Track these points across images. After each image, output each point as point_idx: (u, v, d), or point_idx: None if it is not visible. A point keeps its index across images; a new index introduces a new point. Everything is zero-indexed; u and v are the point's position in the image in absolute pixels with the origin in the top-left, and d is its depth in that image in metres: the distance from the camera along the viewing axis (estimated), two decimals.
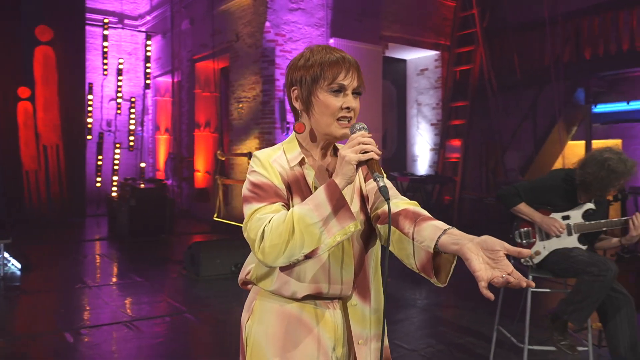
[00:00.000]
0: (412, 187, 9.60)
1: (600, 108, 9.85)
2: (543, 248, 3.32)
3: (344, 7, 9.53)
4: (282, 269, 1.40)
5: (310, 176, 1.44)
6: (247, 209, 1.37)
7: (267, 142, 8.89)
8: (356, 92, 1.44)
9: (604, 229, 3.28)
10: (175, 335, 4.30)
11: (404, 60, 11.79)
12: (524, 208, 3.33)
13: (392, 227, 1.36)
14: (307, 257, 1.29)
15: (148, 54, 12.55)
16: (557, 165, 10.89)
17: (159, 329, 4.43)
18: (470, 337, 4.24)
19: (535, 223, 3.32)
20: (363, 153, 1.30)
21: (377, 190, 1.46)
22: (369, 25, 9.88)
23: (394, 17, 10.34)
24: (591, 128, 9.68)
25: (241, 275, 1.57)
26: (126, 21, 12.95)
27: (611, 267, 3.05)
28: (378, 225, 1.44)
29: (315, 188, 1.42)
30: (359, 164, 1.30)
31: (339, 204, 1.27)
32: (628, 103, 9.68)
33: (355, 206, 1.46)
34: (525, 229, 3.36)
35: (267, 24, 8.82)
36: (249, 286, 1.57)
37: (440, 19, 11.12)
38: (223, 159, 9.83)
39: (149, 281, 6.00)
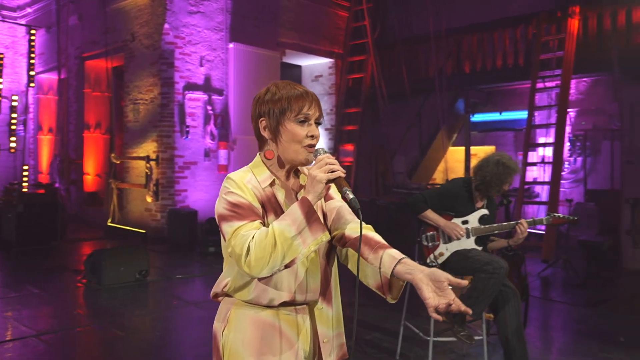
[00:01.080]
0: None
1: (477, 117, 10.84)
2: (446, 249, 3.73)
3: (243, 12, 9.64)
4: (261, 279, 1.57)
5: (281, 195, 1.62)
6: (228, 227, 1.50)
7: (166, 145, 8.77)
8: (317, 122, 1.64)
9: (496, 231, 3.76)
10: (88, 346, 4.21)
11: (299, 67, 12.11)
12: (430, 214, 3.71)
13: (351, 251, 1.59)
14: (287, 266, 1.47)
15: (32, 49, 11.76)
16: (440, 168, 11.81)
17: (65, 342, 4.31)
18: (377, 333, 4.59)
19: (439, 227, 3.71)
20: (330, 172, 1.49)
21: (337, 210, 1.68)
22: (267, 31, 10.06)
23: (290, 24, 10.62)
24: (470, 135, 10.61)
25: (216, 289, 1.70)
26: (3, 12, 12.03)
27: (503, 265, 3.52)
28: (339, 247, 1.65)
29: (287, 205, 1.60)
30: (328, 181, 1.50)
31: (311, 218, 1.46)
32: (501, 113, 10.74)
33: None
34: (431, 232, 3.75)
35: (166, 25, 8.70)
36: (220, 298, 1.71)
37: (334, 28, 11.58)
38: (118, 162, 9.52)
39: (46, 292, 5.74)
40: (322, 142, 11.83)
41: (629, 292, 6.76)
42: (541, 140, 9.53)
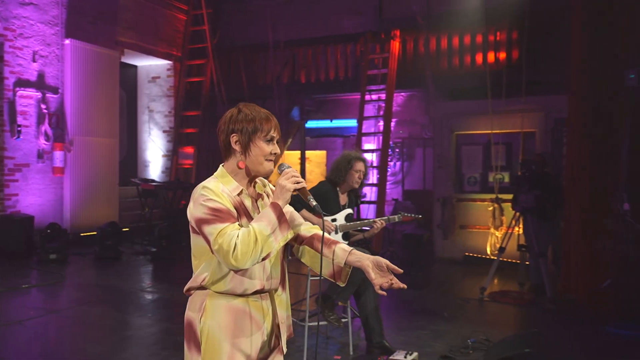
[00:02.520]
0: (153, 193, 9.84)
1: (311, 124, 11.71)
2: None
3: (80, 8, 9.24)
4: (237, 272, 1.90)
5: (248, 202, 1.97)
6: (212, 229, 1.81)
7: None
8: (277, 141, 2.03)
9: (359, 228, 4.42)
10: None
11: (135, 66, 11.86)
12: (305, 213, 4.23)
13: (306, 247, 2.01)
14: (264, 259, 1.85)
15: None
16: (276, 171, 12.45)
17: None
18: None
19: None
20: (296, 183, 1.89)
21: (290, 214, 2.07)
22: (105, 29, 9.76)
23: (129, 24, 10.40)
24: (305, 140, 11.43)
25: (192, 284, 1.97)
26: None
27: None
28: (295, 244, 2.05)
29: (253, 211, 1.96)
30: (294, 190, 1.90)
31: (281, 219, 1.84)
32: (331, 121, 11.74)
33: None
34: None
35: None
36: (192, 292, 1.99)
37: (173, 31, 11.58)
38: None
39: None
40: (160, 144, 11.74)
41: (442, 276, 8.06)
42: (367, 146, 10.67)
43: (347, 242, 4.45)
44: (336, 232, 4.32)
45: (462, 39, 9.46)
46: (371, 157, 10.20)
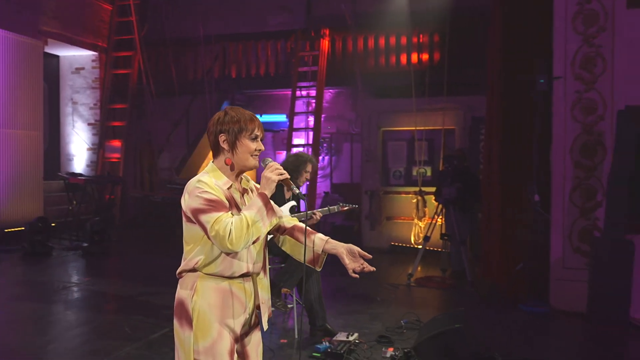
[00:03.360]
0: (81, 187, 9.60)
1: None
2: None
3: None
4: (227, 255, 2.13)
5: (236, 196, 2.20)
6: (209, 217, 2.03)
7: None
8: (261, 139, 2.27)
9: (302, 219, 4.71)
10: None
11: (57, 57, 11.46)
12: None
13: (287, 237, 2.28)
14: (254, 242, 2.09)
15: None
16: (205, 165, 12.50)
17: None
18: None
19: None
20: (279, 175, 2.15)
21: (273, 205, 2.32)
22: (27, 18, 9.42)
23: (53, 13, 10.07)
24: None
25: (185, 267, 2.18)
26: None
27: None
28: (277, 234, 2.31)
29: (241, 203, 2.20)
30: (278, 182, 2.15)
31: (267, 207, 2.09)
32: (261, 116, 11.93)
33: None
34: None
35: None
36: (183, 274, 2.21)
37: (98, 21, 11.30)
38: None
39: None
40: (85, 137, 11.45)
41: (372, 265, 8.49)
42: (297, 141, 10.97)
43: None
44: None
45: (388, 40, 9.96)
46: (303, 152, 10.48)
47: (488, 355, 4.21)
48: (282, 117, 11.87)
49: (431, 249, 8.34)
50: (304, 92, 10.30)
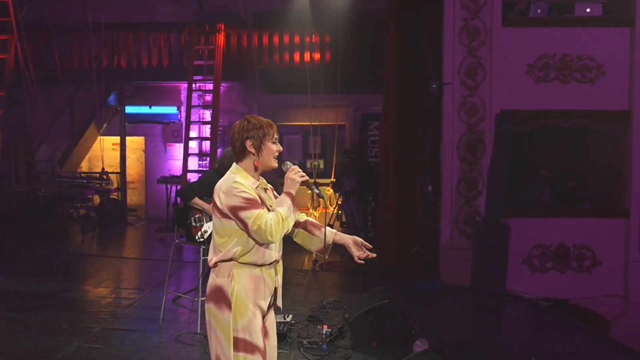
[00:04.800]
0: None
1: (129, 109, 11.56)
2: (209, 227, 4.79)
3: None
4: (261, 246, 2.44)
5: (262, 193, 2.51)
6: (249, 214, 2.33)
7: None
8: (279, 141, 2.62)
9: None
10: None
11: None
12: (197, 201, 4.71)
13: (300, 230, 2.65)
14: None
15: None
16: (88, 157, 12.06)
17: None
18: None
19: (204, 211, 4.75)
20: (302, 177, 2.50)
21: None
22: None
23: None
24: (125, 126, 11.26)
25: (222, 257, 2.45)
26: None
27: None
28: (293, 228, 2.66)
29: (267, 200, 2.52)
30: (301, 183, 2.50)
31: (294, 205, 2.45)
32: (150, 107, 11.76)
33: None
34: (197, 215, 4.76)
35: None
36: (218, 264, 2.47)
37: None
38: None
39: None
40: None
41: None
42: (193, 134, 10.97)
43: None
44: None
45: (282, 38, 10.39)
46: (195, 146, 10.61)
47: (408, 327, 4.86)
48: (172, 109, 11.79)
49: None
50: (199, 86, 10.37)
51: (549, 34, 7.16)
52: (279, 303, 2.67)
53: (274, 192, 2.65)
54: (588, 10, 7.31)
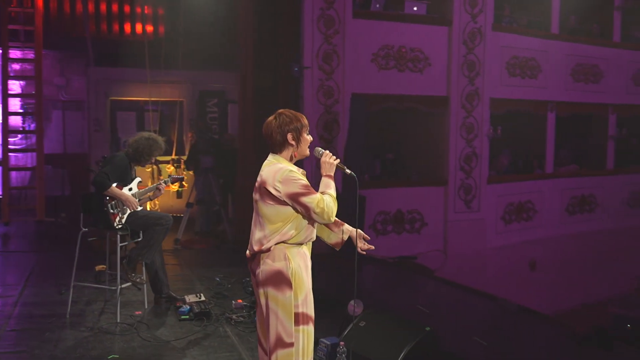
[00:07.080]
0: None
1: None
2: (123, 213, 4.65)
3: None
4: (309, 225, 2.72)
5: (304, 179, 2.74)
6: (311, 198, 2.60)
7: None
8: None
9: (149, 193, 4.96)
10: None
11: None
12: (113, 189, 4.55)
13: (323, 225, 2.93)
14: None
15: None
16: None
17: None
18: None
19: (120, 199, 4.59)
20: (335, 160, 2.80)
21: None
22: None
23: None
24: None
25: (276, 240, 2.66)
26: None
27: (171, 218, 4.82)
28: None
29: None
30: (336, 166, 2.80)
31: (334, 186, 2.76)
32: None
33: None
34: (114, 201, 4.59)
35: None
36: (270, 247, 2.66)
37: None
38: None
39: None
40: None
41: None
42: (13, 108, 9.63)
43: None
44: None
45: (121, 7, 9.75)
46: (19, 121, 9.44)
47: None
48: None
49: (177, 215, 8.92)
50: (18, 54, 9.17)
51: (389, 28, 8.16)
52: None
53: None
54: (415, 8, 8.48)
